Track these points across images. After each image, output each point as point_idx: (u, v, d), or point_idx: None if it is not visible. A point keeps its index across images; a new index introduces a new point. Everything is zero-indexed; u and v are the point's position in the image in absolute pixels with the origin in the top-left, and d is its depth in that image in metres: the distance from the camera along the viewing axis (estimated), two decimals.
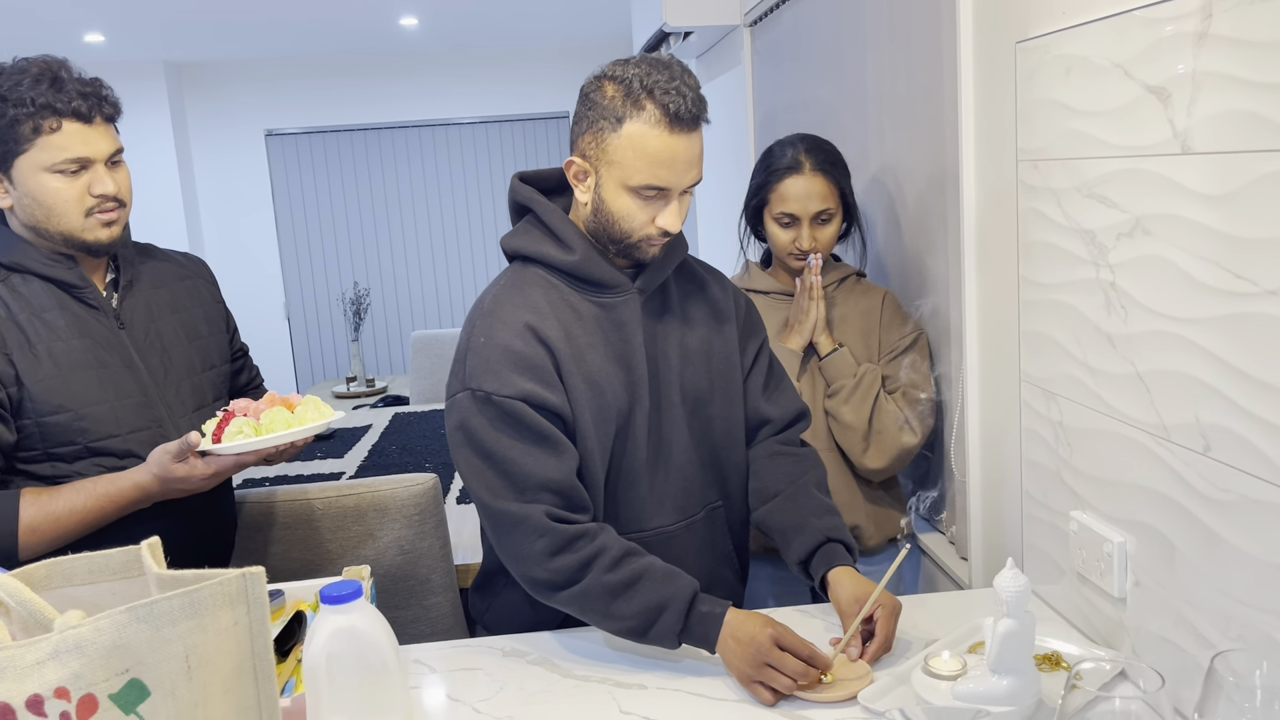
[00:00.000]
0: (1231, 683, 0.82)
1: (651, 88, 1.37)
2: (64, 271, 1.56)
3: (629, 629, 1.37)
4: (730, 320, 1.60)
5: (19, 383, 1.48)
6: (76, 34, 5.54)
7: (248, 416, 1.50)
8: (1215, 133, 1.05)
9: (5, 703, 0.73)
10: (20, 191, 1.51)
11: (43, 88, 1.48)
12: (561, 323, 1.45)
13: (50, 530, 1.47)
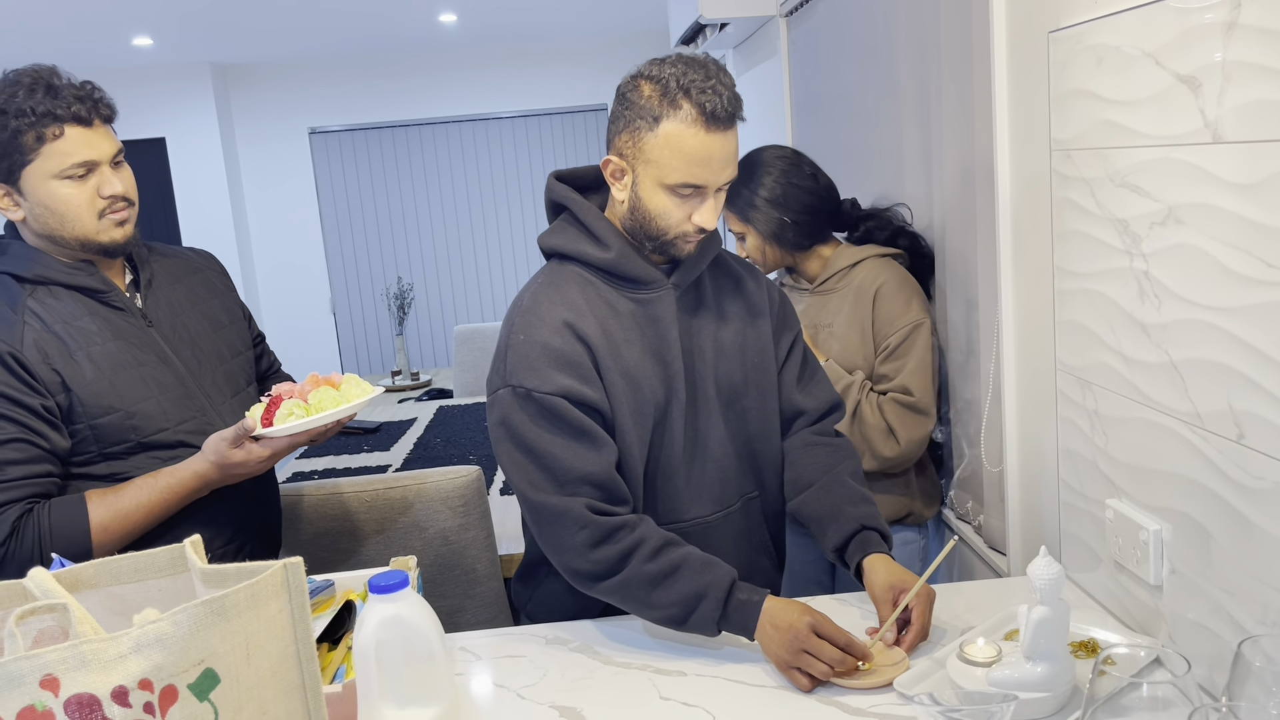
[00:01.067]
0: (1259, 667, 0.83)
1: (688, 87, 1.38)
2: (86, 278, 1.58)
3: (669, 617, 1.40)
4: (764, 314, 1.62)
5: (66, 389, 1.51)
6: (125, 38, 5.66)
7: (294, 398, 1.54)
8: (1245, 122, 1.05)
9: (91, 694, 0.77)
10: (31, 202, 1.53)
11: (39, 96, 1.49)
12: (599, 319, 1.48)
13: (121, 527, 1.51)
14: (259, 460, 1.55)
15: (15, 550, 1.46)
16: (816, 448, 1.63)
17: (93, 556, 1.46)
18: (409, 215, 7.19)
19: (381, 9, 5.34)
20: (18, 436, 1.47)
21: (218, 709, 0.82)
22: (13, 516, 1.46)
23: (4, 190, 1.54)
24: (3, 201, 1.55)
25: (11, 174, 1.52)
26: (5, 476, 1.46)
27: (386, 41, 6.43)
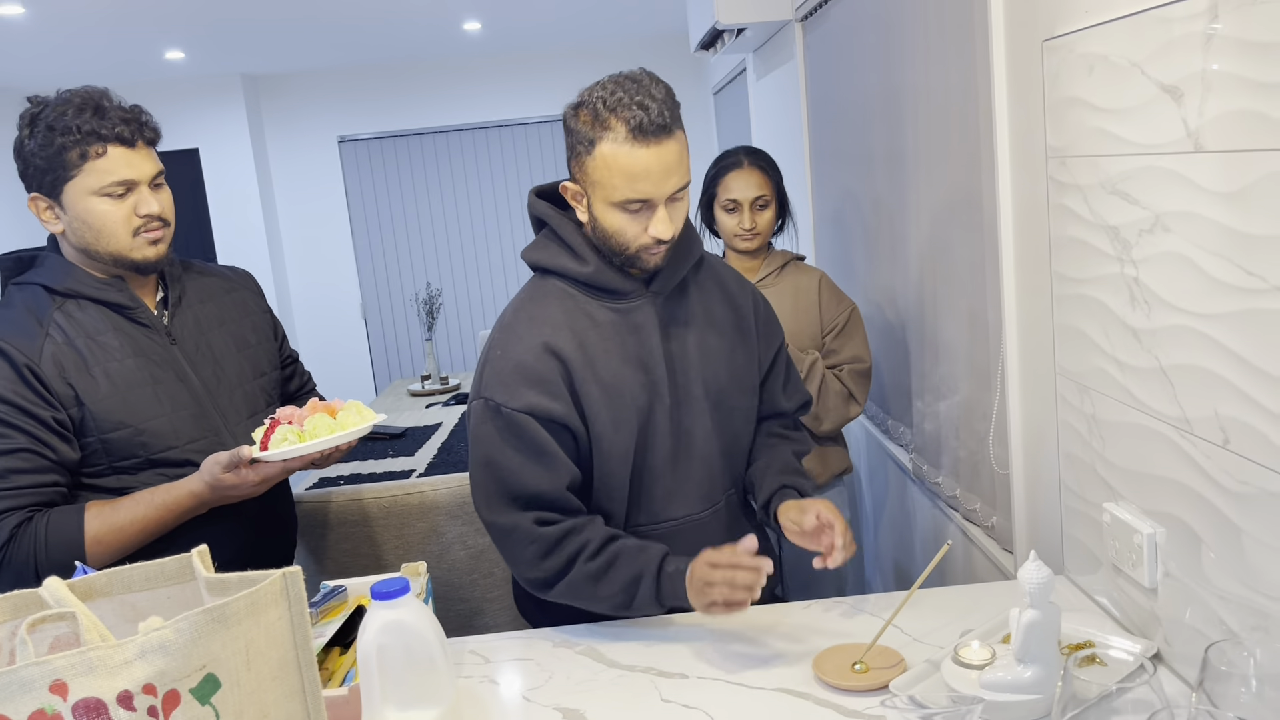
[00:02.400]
0: (1224, 672, 0.84)
1: (615, 106, 1.43)
2: (115, 294, 1.63)
3: (616, 605, 1.51)
4: (749, 318, 1.70)
5: (79, 403, 1.56)
6: (158, 52, 5.78)
7: (292, 424, 1.58)
8: (1225, 131, 1.06)
9: (98, 698, 0.81)
10: (70, 215, 1.59)
11: (86, 116, 1.56)
12: (576, 333, 1.53)
13: (114, 541, 1.56)
14: (250, 485, 1.58)
15: (12, 556, 1.51)
16: (774, 437, 1.77)
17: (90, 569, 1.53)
18: (437, 221, 7.27)
19: (407, 18, 5.41)
20: (26, 446, 1.53)
21: (219, 712, 0.86)
22: (12, 524, 1.51)
23: (46, 203, 1.60)
24: (44, 214, 1.61)
25: (55, 188, 1.58)
26: (10, 485, 1.52)
27: (412, 50, 6.51)
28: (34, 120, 1.58)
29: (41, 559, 1.52)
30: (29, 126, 1.58)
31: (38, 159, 1.57)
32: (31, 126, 1.58)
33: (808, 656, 1.40)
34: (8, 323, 1.58)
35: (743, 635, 1.50)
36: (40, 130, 1.56)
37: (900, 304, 2.43)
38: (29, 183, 1.60)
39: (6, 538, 1.51)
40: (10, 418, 1.52)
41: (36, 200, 1.60)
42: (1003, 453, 1.82)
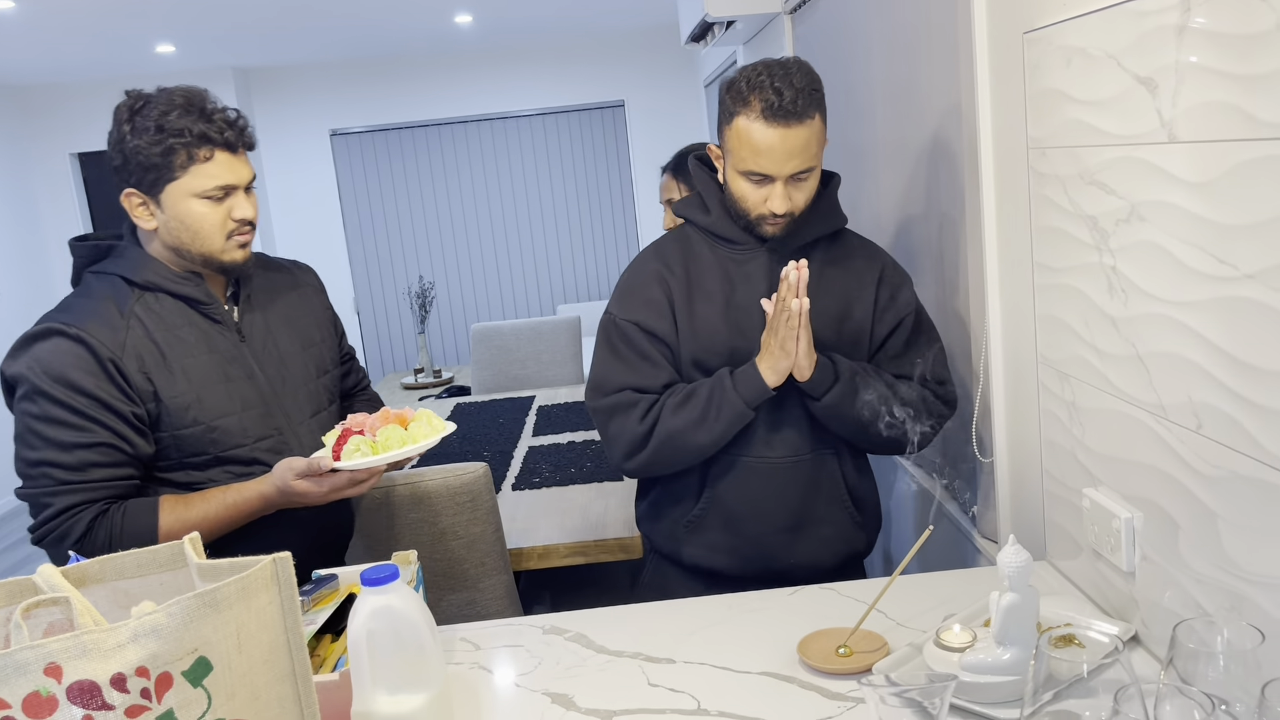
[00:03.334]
0: (1192, 649, 0.87)
1: (756, 86, 1.60)
2: (193, 289, 1.64)
3: (702, 424, 1.67)
4: (868, 290, 1.78)
5: (157, 399, 1.58)
6: (149, 45, 5.77)
7: (364, 434, 1.58)
8: (1197, 122, 1.08)
9: (92, 680, 0.83)
10: (168, 215, 1.60)
11: (194, 118, 1.57)
12: (688, 271, 1.76)
13: (184, 536, 1.58)
14: (319, 494, 1.58)
15: (88, 548, 1.53)
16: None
17: None
18: (429, 214, 7.28)
19: (398, 11, 5.41)
20: (106, 441, 1.55)
21: (211, 694, 0.88)
22: (89, 516, 1.54)
23: (141, 200, 1.60)
24: (137, 210, 1.61)
25: (155, 186, 1.58)
26: (89, 478, 1.54)
27: (404, 43, 6.51)
28: (135, 115, 1.58)
29: (116, 550, 1.53)
30: (130, 122, 1.58)
31: (141, 156, 1.57)
32: (133, 122, 1.58)
33: (793, 641, 1.42)
34: (91, 313, 1.58)
35: (729, 620, 1.52)
36: (147, 128, 1.56)
37: None
38: (125, 178, 1.60)
39: (84, 530, 1.54)
40: (91, 411, 1.53)
41: (131, 196, 1.60)
42: (986, 440, 1.84)
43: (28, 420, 1.54)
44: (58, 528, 1.54)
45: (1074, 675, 0.95)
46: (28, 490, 1.55)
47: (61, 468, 1.53)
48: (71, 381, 1.53)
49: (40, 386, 1.52)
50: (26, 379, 1.53)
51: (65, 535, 1.54)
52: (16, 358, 1.56)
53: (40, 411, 1.53)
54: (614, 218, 7.38)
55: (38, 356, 1.54)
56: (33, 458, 1.54)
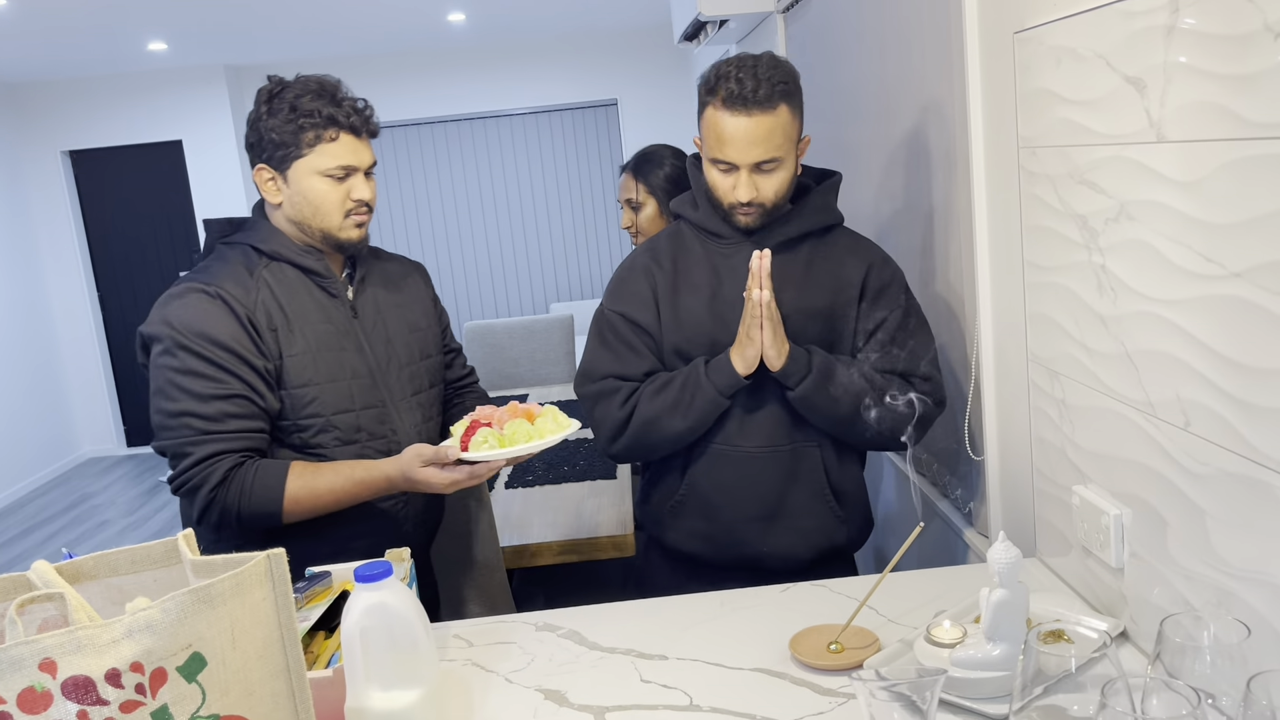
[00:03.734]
0: (1179, 643, 0.87)
1: (723, 76, 1.67)
2: (314, 262, 1.73)
3: (676, 410, 1.73)
4: (853, 287, 1.80)
5: (280, 357, 1.67)
6: (141, 43, 5.76)
7: (491, 426, 1.61)
8: (1185, 122, 1.09)
9: (87, 676, 0.84)
10: (292, 190, 1.70)
11: (325, 101, 1.67)
12: (676, 264, 1.83)
13: (309, 503, 1.65)
14: (441, 483, 1.62)
15: (221, 497, 1.61)
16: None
17: (280, 523, 1.63)
18: (421, 212, 7.27)
19: (390, 9, 5.41)
20: (241, 393, 1.63)
21: (205, 690, 0.88)
22: (226, 466, 1.62)
23: (270, 175, 1.71)
24: (266, 185, 1.71)
25: (284, 163, 1.69)
26: (226, 428, 1.62)
27: (396, 41, 6.50)
28: (273, 98, 1.69)
29: (244, 505, 1.62)
30: (268, 104, 1.68)
31: (274, 134, 1.67)
32: (270, 104, 1.68)
33: (784, 637, 1.42)
34: (226, 275, 1.68)
35: (721, 617, 1.53)
36: (282, 109, 1.67)
37: None
38: (258, 154, 1.71)
39: (220, 479, 1.61)
40: (228, 364, 1.62)
41: (262, 171, 1.71)
42: (977, 438, 1.85)
43: (167, 374, 1.62)
44: (195, 476, 1.61)
45: (1063, 670, 0.96)
46: (167, 441, 1.63)
47: (200, 418, 1.61)
48: (210, 335, 1.62)
49: (180, 340, 1.61)
50: (166, 335, 1.62)
51: (202, 483, 1.61)
52: (156, 316, 1.65)
53: (180, 364, 1.61)
54: (607, 216, 7.38)
55: (177, 313, 1.63)
56: (172, 409, 1.61)
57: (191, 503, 1.63)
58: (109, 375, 7.38)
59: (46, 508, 6.31)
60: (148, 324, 1.66)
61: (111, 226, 7.20)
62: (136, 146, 7.02)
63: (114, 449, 7.47)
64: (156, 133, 6.96)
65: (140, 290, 7.28)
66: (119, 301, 7.32)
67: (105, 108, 6.92)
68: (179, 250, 7.21)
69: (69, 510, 6.23)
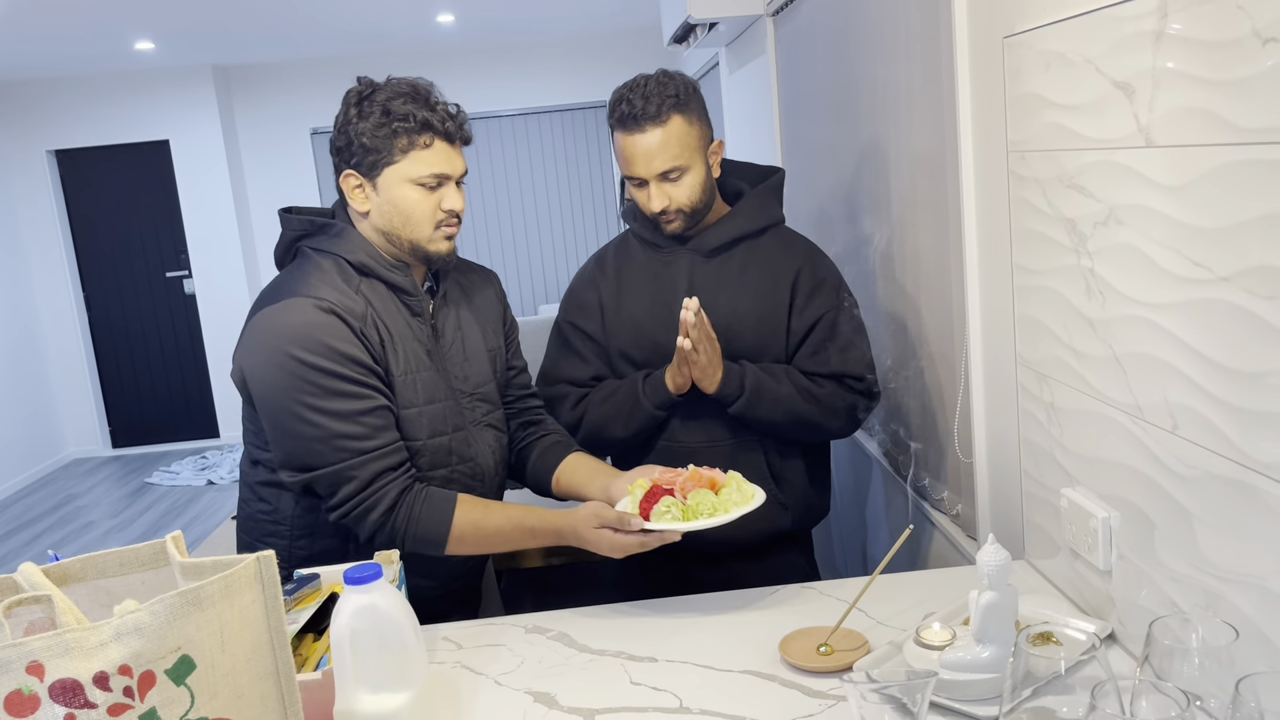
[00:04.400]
0: (1168, 646, 0.88)
1: (617, 100, 1.79)
2: (402, 278, 1.64)
3: (618, 420, 1.86)
4: (784, 289, 1.87)
5: (388, 374, 1.59)
6: (128, 42, 5.73)
7: (673, 494, 1.54)
8: (1173, 127, 1.10)
9: (74, 679, 0.83)
10: (381, 199, 1.61)
11: (417, 105, 1.59)
12: (620, 273, 1.94)
13: (475, 542, 1.60)
14: (608, 546, 1.54)
15: (390, 522, 1.56)
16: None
17: (441, 554, 1.60)
18: None
19: (380, 10, 5.40)
20: (384, 403, 1.57)
21: (194, 693, 0.88)
22: (396, 489, 1.56)
23: (358, 182, 1.62)
24: (354, 192, 1.62)
25: (374, 169, 1.60)
26: (381, 442, 1.55)
27: (386, 42, 6.49)
28: (363, 100, 1.60)
29: (410, 533, 1.57)
30: (357, 106, 1.60)
31: (365, 139, 1.58)
32: (360, 106, 1.60)
33: (774, 639, 1.43)
34: (329, 287, 1.57)
35: (711, 620, 1.53)
36: (373, 112, 1.58)
37: (868, 295, 2.47)
38: (346, 159, 1.61)
39: (390, 503, 1.55)
40: (364, 377, 1.54)
41: (349, 177, 1.62)
42: (966, 441, 1.86)
43: (302, 398, 1.52)
44: (366, 499, 1.54)
45: (1052, 672, 0.96)
46: (323, 470, 1.54)
47: (354, 438, 1.53)
48: (339, 350, 1.53)
49: (308, 360, 1.51)
50: (288, 357, 1.51)
51: (374, 506, 1.55)
52: (263, 337, 1.54)
53: (315, 385, 1.51)
54: (596, 219, 7.38)
55: (296, 332, 1.52)
56: (318, 434, 1.53)
57: (360, 526, 1.57)
58: (94, 375, 7.34)
59: (31, 509, 6.27)
60: (254, 350, 1.55)
61: (97, 226, 7.17)
62: (123, 146, 6.99)
63: (99, 450, 7.43)
64: (143, 132, 6.93)
65: (126, 290, 7.24)
66: (104, 302, 7.28)
67: (92, 107, 6.89)
68: (165, 250, 7.18)
69: (53, 512, 6.19)
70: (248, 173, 7.17)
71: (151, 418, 7.45)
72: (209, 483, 6.47)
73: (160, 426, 7.46)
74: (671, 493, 1.55)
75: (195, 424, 7.46)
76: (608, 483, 1.71)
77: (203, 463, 6.86)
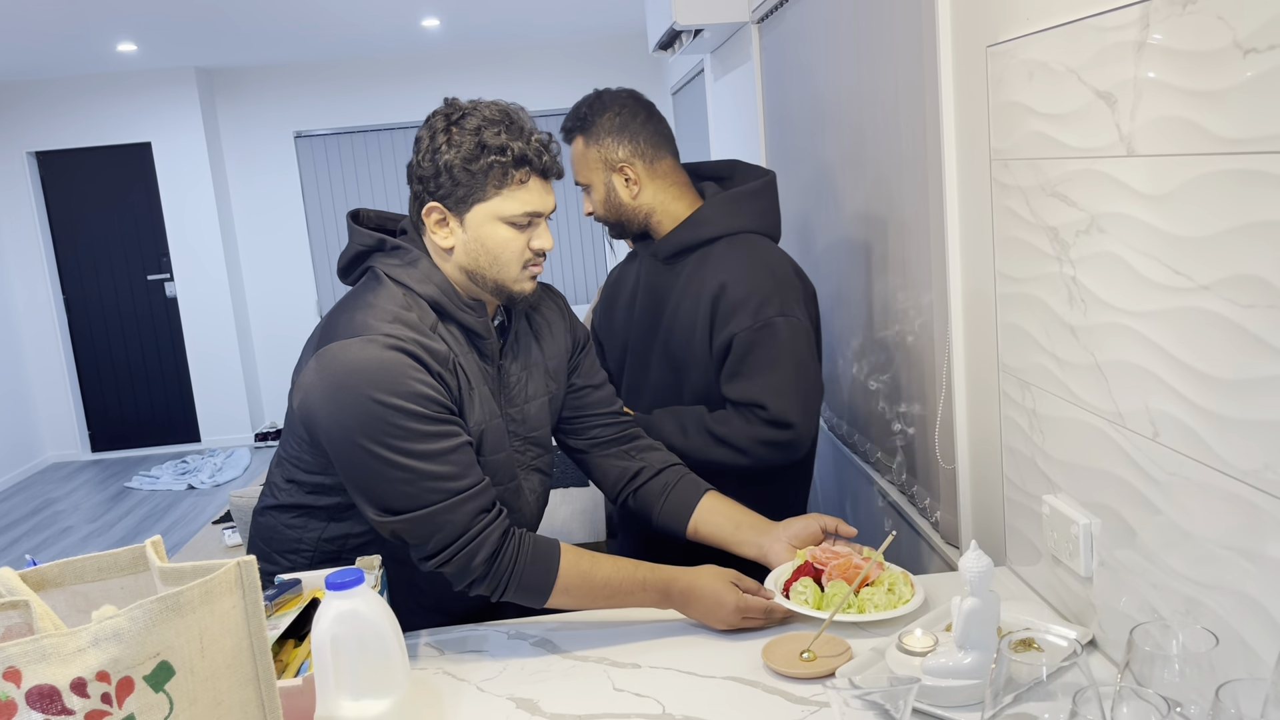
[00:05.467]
0: (1148, 652, 0.88)
1: None
2: (475, 320, 1.53)
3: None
4: (705, 308, 1.90)
5: (463, 420, 1.50)
6: (109, 44, 5.70)
7: (821, 569, 1.51)
8: (1155, 137, 1.11)
9: (51, 685, 0.82)
10: (469, 235, 1.50)
11: (513, 135, 1.48)
12: (613, 280, 2.15)
13: (579, 594, 1.50)
14: (730, 608, 1.47)
15: (493, 570, 1.46)
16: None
17: (543, 605, 1.50)
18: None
19: (364, 14, 5.39)
20: (467, 440, 1.48)
21: (173, 699, 0.87)
22: (499, 530, 1.46)
23: (441, 216, 1.50)
24: (437, 227, 1.50)
25: (463, 203, 1.49)
26: (471, 480, 1.45)
27: (370, 46, 6.48)
28: (451, 127, 1.48)
29: (516, 580, 1.47)
30: (445, 133, 1.48)
31: (455, 171, 1.47)
32: (449, 134, 1.48)
33: (757, 646, 1.43)
34: (410, 326, 1.46)
35: (694, 626, 1.52)
36: (464, 142, 1.46)
37: (852, 302, 2.47)
38: (432, 191, 1.49)
39: (497, 543, 1.46)
40: (445, 415, 1.45)
41: (432, 212, 1.50)
42: (949, 448, 1.86)
43: (383, 440, 1.41)
44: (470, 541, 1.45)
45: (1033, 678, 0.97)
46: (416, 513, 1.43)
47: (444, 478, 1.43)
48: (420, 393, 1.42)
49: (387, 402, 1.40)
50: (363, 400, 1.40)
51: (476, 551, 1.45)
52: (337, 379, 1.42)
53: (396, 427, 1.41)
54: (581, 224, 7.37)
55: (373, 373, 1.41)
56: (406, 476, 1.42)
57: (462, 573, 1.46)
58: (73, 379, 7.28)
59: (8, 514, 6.21)
60: (324, 386, 1.42)
61: (78, 229, 7.11)
62: (105, 148, 6.94)
63: (78, 454, 7.37)
64: (125, 135, 6.89)
65: (106, 293, 7.19)
66: (85, 305, 7.23)
67: (73, 108, 6.84)
68: (147, 254, 7.13)
69: (31, 516, 6.14)
70: (231, 176, 7.14)
71: (132, 422, 7.39)
72: (189, 487, 6.43)
73: (140, 431, 7.41)
74: (820, 574, 1.52)
75: (176, 428, 7.41)
76: (759, 539, 1.65)
77: (183, 467, 6.81)
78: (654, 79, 7.14)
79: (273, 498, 1.65)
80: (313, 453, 1.53)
